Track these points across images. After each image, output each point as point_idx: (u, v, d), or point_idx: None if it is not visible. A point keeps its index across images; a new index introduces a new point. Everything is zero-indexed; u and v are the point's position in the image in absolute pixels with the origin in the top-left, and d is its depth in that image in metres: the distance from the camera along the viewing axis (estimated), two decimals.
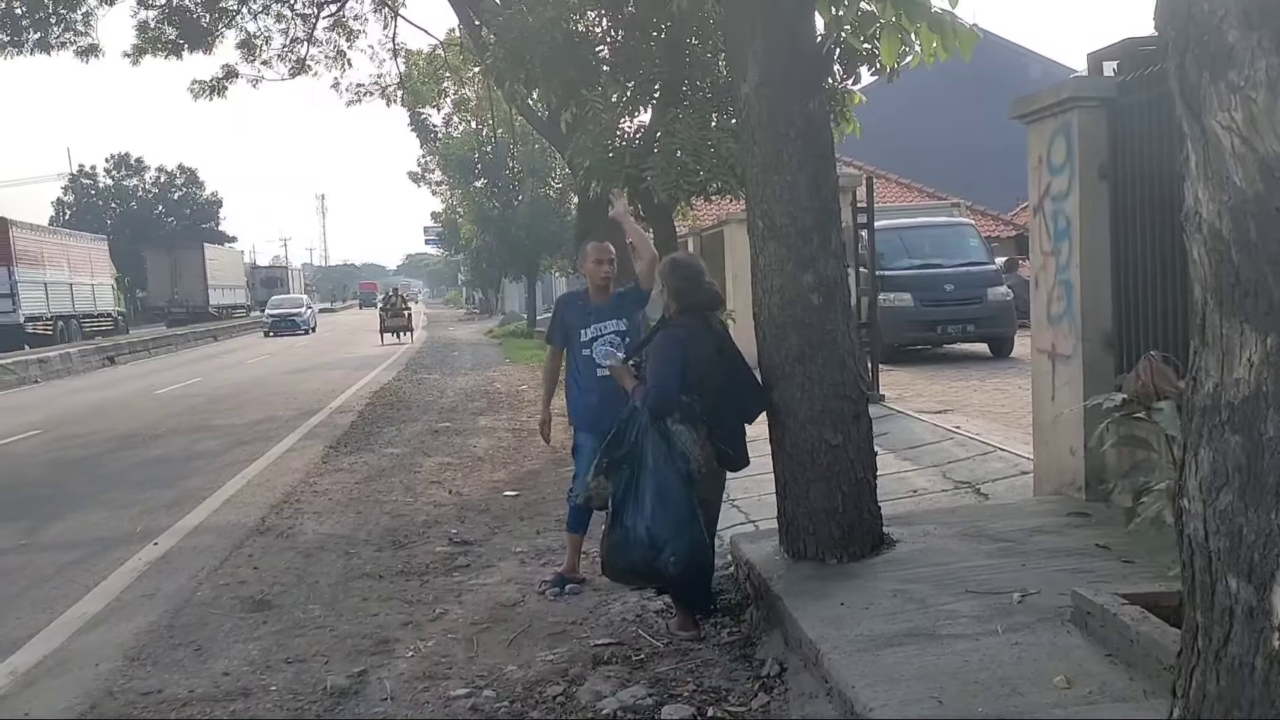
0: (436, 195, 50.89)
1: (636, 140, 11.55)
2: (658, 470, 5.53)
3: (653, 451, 5.56)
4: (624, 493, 5.64)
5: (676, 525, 5.49)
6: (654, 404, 5.59)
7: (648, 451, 5.57)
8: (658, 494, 5.51)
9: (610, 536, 5.73)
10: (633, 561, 5.61)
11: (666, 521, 5.48)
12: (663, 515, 5.49)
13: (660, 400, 5.59)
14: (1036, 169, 7.18)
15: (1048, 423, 7.23)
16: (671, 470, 5.55)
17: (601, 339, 6.67)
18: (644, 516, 5.52)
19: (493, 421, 15.41)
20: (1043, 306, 7.20)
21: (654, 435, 5.58)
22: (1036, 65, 45.62)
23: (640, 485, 5.57)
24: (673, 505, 5.51)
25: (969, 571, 5.57)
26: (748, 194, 6.16)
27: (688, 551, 5.51)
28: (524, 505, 9.54)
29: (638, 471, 5.58)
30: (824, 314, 5.87)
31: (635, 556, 5.57)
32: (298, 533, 8.75)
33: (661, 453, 5.55)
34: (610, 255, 6.84)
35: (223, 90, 21.52)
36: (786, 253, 5.85)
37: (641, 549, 5.52)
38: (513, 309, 61.97)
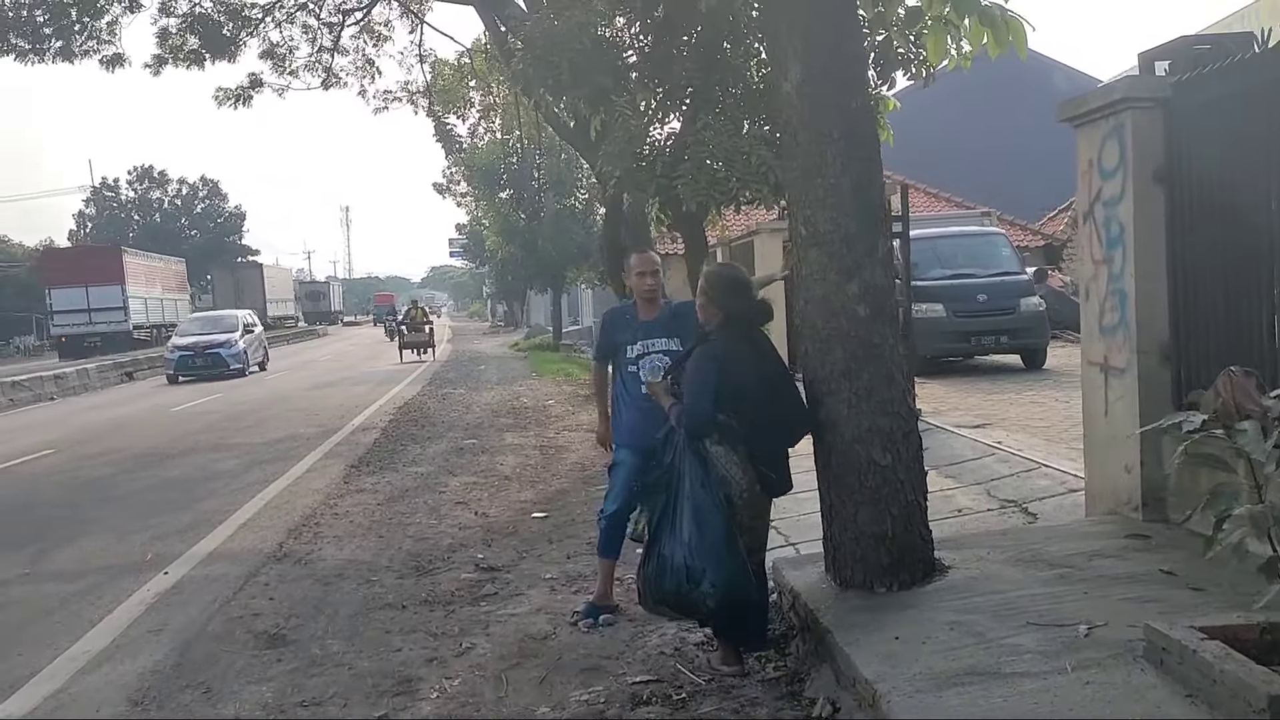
0: (461, 207, 50.77)
1: (667, 148, 11.27)
2: (695, 495, 5.25)
3: (690, 475, 5.28)
4: (660, 519, 5.37)
5: (715, 554, 5.19)
6: (688, 423, 5.31)
7: (685, 475, 5.30)
8: (695, 520, 5.23)
9: (646, 566, 5.44)
10: (670, 593, 5.30)
11: (705, 550, 5.19)
12: (701, 543, 5.20)
13: (695, 419, 5.31)
14: (1086, 173, 6.86)
15: (1101, 439, 6.90)
16: (709, 495, 5.26)
17: (649, 357, 6.45)
18: (681, 544, 5.23)
19: (520, 439, 15.15)
20: (1094, 317, 6.87)
21: (691, 457, 5.30)
22: (1060, 74, 45.18)
23: (677, 511, 5.29)
24: (711, 533, 5.22)
25: (1028, 601, 5.25)
26: (789, 199, 5.86)
27: (727, 583, 5.21)
28: (553, 527, 9.26)
29: (674, 496, 5.31)
30: (871, 326, 5.57)
31: (672, 587, 5.27)
32: (316, 559, 8.49)
33: (699, 476, 5.27)
34: (654, 266, 6.59)
35: (248, 99, 21.31)
36: (830, 261, 5.55)
37: (679, 579, 5.23)
38: (538, 321, 61.77)
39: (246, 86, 21.60)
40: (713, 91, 10.95)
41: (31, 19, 18.17)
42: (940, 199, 31.92)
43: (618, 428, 6.68)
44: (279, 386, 28.10)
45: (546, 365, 30.52)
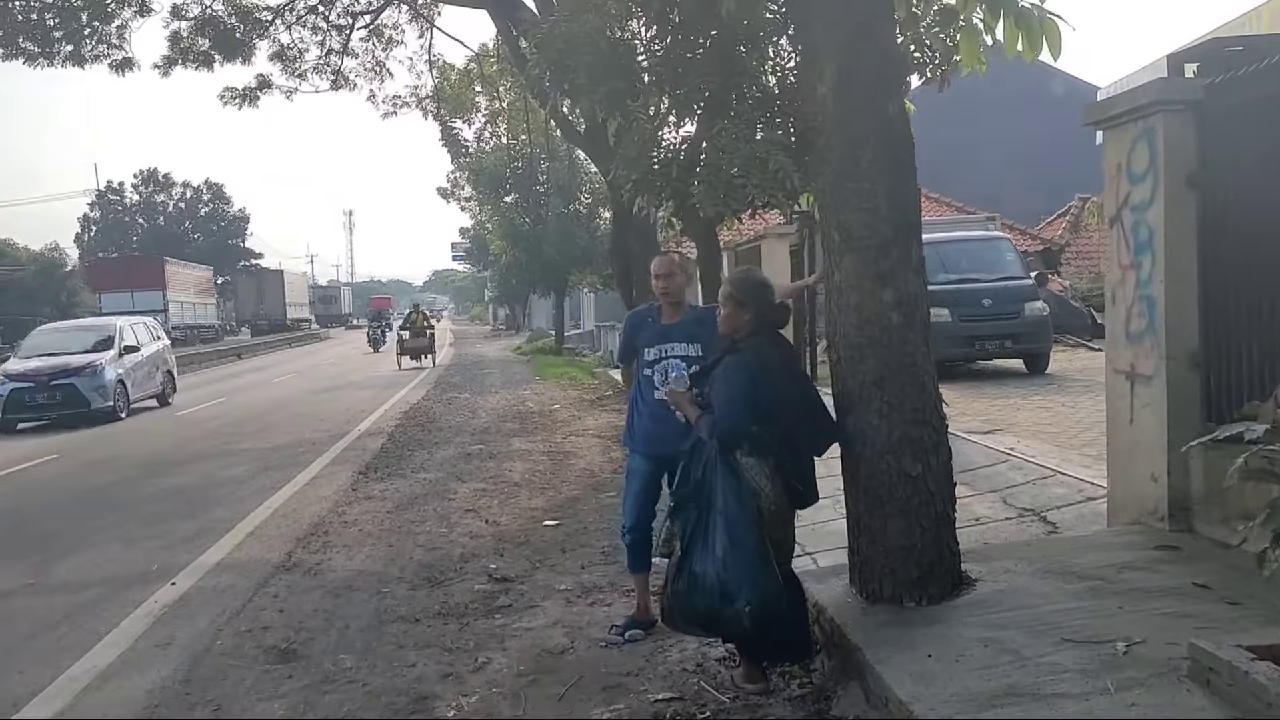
0: (465, 211, 50.59)
1: (681, 153, 11.06)
2: (728, 509, 5.05)
3: (723, 489, 5.08)
4: (692, 535, 5.15)
5: (750, 571, 5.00)
6: (722, 435, 5.11)
7: (717, 489, 5.10)
8: (729, 536, 5.03)
9: (676, 583, 5.22)
10: (702, 612, 5.10)
11: (739, 567, 4.99)
12: (735, 560, 5.00)
13: (729, 431, 5.11)
14: (1115, 178, 6.68)
15: (1125, 447, 6.71)
16: (743, 509, 5.07)
17: (666, 362, 6.24)
18: (714, 561, 5.02)
19: (527, 444, 14.95)
20: (1120, 323, 6.68)
21: (724, 470, 5.10)
22: (1058, 80, 44.96)
23: (709, 526, 5.08)
24: (746, 549, 5.03)
25: (1062, 616, 5.06)
26: (821, 204, 5.67)
27: (762, 601, 5.01)
28: (565, 536, 9.06)
29: (706, 511, 5.11)
30: (904, 334, 5.39)
31: (704, 606, 5.06)
32: (326, 569, 8.29)
33: (732, 490, 5.08)
34: (668, 269, 6.39)
35: (255, 100, 21.18)
36: (863, 268, 5.37)
37: (711, 598, 5.02)
38: (540, 325, 61.66)
39: (254, 88, 21.52)
40: (728, 95, 10.75)
41: (41, 23, 18.05)
42: (943, 204, 31.73)
43: (631, 433, 6.47)
44: (283, 391, 27.91)
45: (550, 369, 30.31)
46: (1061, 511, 7.75)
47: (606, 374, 27.32)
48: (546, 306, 58.03)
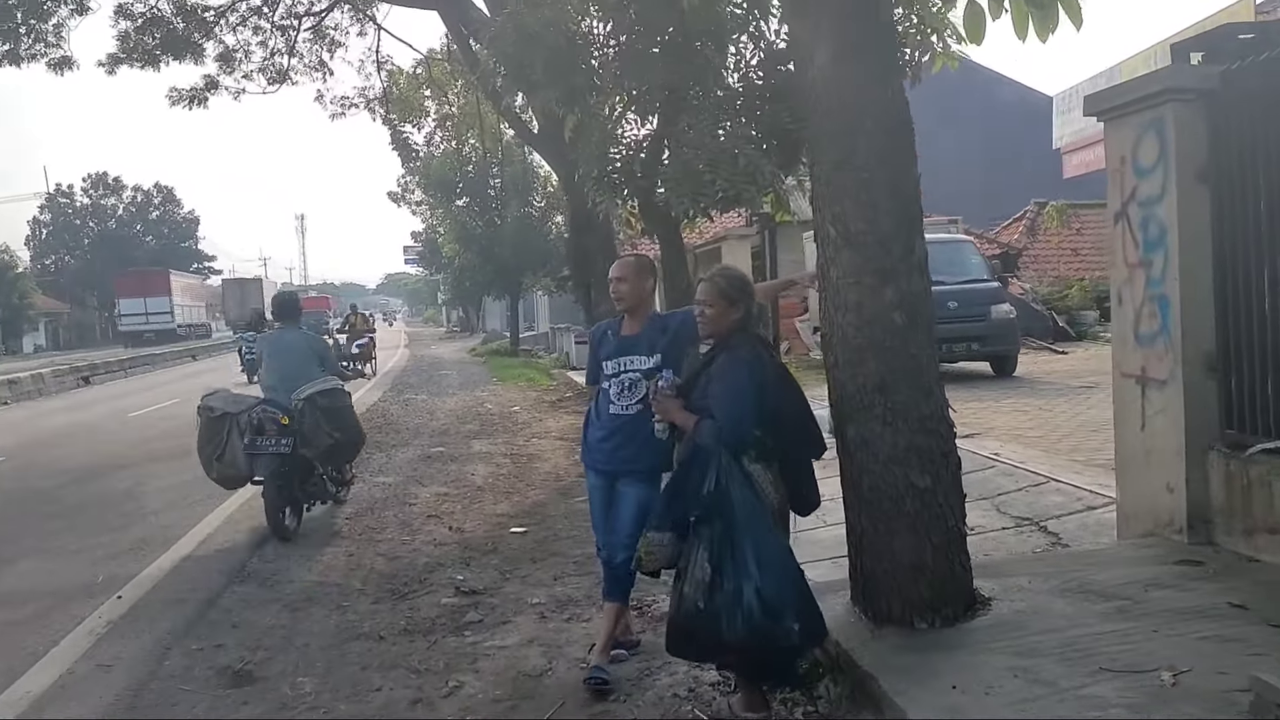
0: (416, 215, 49.69)
1: (644, 150, 10.53)
2: (752, 521, 4.50)
3: (741, 498, 4.52)
4: (720, 553, 4.49)
5: (792, 585, 4.51)
6: (730, 437, 4.57)
7: (734, 499, 4.51)
8: (759, 549, 4.47)
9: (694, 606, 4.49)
10: (743, 635, 4.39)
11: (781, 581, 4.45)
12: (773, 575, 4.44)
13: (737, 432, 4.59)
14: (1119, 171, 6.22)
15: (1136, 455, 6.24)
16: (765, 519, 4.57)
17: (624, 376, 5.53)
18: (751, 578, 4.41)
19: (488, 446, 14.34)
20: (1129, 325, 6.22)
21: (739, 478, 4.55)
22: (1007, 88, 44.94)
23: (735, 540, 4.48)
24: (779, 561, 4.52)
25: (1092, 641, 4.58)
26: (814, 195, 5.13)
27: (809, 614, 4.53)
28: (534, 544, 8.49)
29: (729, 525, 4.51)
30: (908, 335, 4.89)
31: (745, 630, 4.38)
32: (283, 580, 7.66)
33: (750, 499, 4.54)
34: (621, 271, 5.66)
35: (203, 100, 20.52)
36: (864, 264, 4.85)
37: (754, 617, 4.37)
38: (494, 327, 61.00)
39: (202, 88, 20.88)
40: (691, 92, 10.22)
41: None
42: None
43: (585, 448, 5.82)
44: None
45: (507, 371, 29.70)
46: (1062, 521, 7.28)
47: (565, 375, 26.76)
48: (500, 309, 57.39)
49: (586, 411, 5.82)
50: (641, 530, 5.48)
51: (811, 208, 5.15)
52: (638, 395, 5.46)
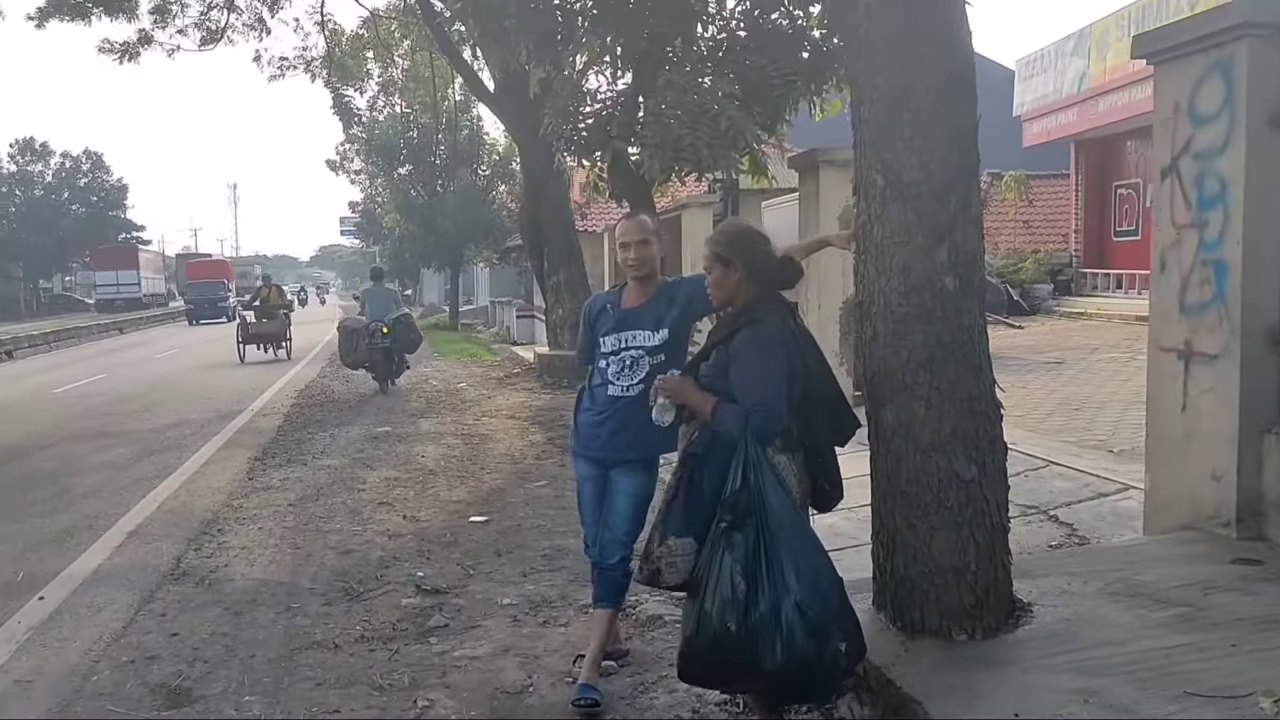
0: (355, 184, 48.47)
1: (619, 107, 9.84)
2: (787, 525, 3.84)
3: (773, 497, 3.85)
4: (752, 565, 3.80)
5: (836, 596, 3.88)
6: (762, 425, 3.90)
7: (767, 499, 3.85)
8: (796, 558, 3.82)
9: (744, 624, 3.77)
10: (786, 662, 3.72)
11: (821, 594, 3.80)
12: (813, 586, 3.79)
13: (769, 419, 3.92)
14: (1169, 120, 5.61)
15: (1174, 439, 5.68)
16: (800, 520, 3.95)
17: (625, 353, 4.85)
18: (789, 593, 3.74)
19: (436, 425, 13.61)
20: (1172, 293, 5.63)
21: (770, 473, 3.89)
22: None
23: (771, 549, 3.81)
24: (818, 568, 3.87)
25: (1163, 657, 4.01)
26: (859, 141, 4.45)
27: (852, 629, 3.90)
28: (498, 535, 7.82)
29: (762, 530, 3.83)
30: (960, 303, 4.27)
31: (786, 656, 3.71)
32: (223, 578, 6.92)
33: (782, 497, 3.88)
34: (641, 233, 4.94)
35: (135, 55, 19.56)
36: (916, 219, 4.22)
37: (796, 639, 3.71)
38: (432, 300, 60.03)
39: (135, 42, 19.92)
40: (673, 42, 9.54)
41: None
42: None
43: (575, 435, 5.11)
44: (168, 367, 25.98)
45: (448, 346, 28.89)
46: (1074, 510, 6.75)
47: (508, 350, 26.06)
48: (439, 281, 56.42)
49: (578, 393, 5.13)
50: (638, 526, 4.86)
51: (855, 154, 4.48)
52: (639, 375, 4.80)
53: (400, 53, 27.17)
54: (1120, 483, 7.23)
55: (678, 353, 4.92)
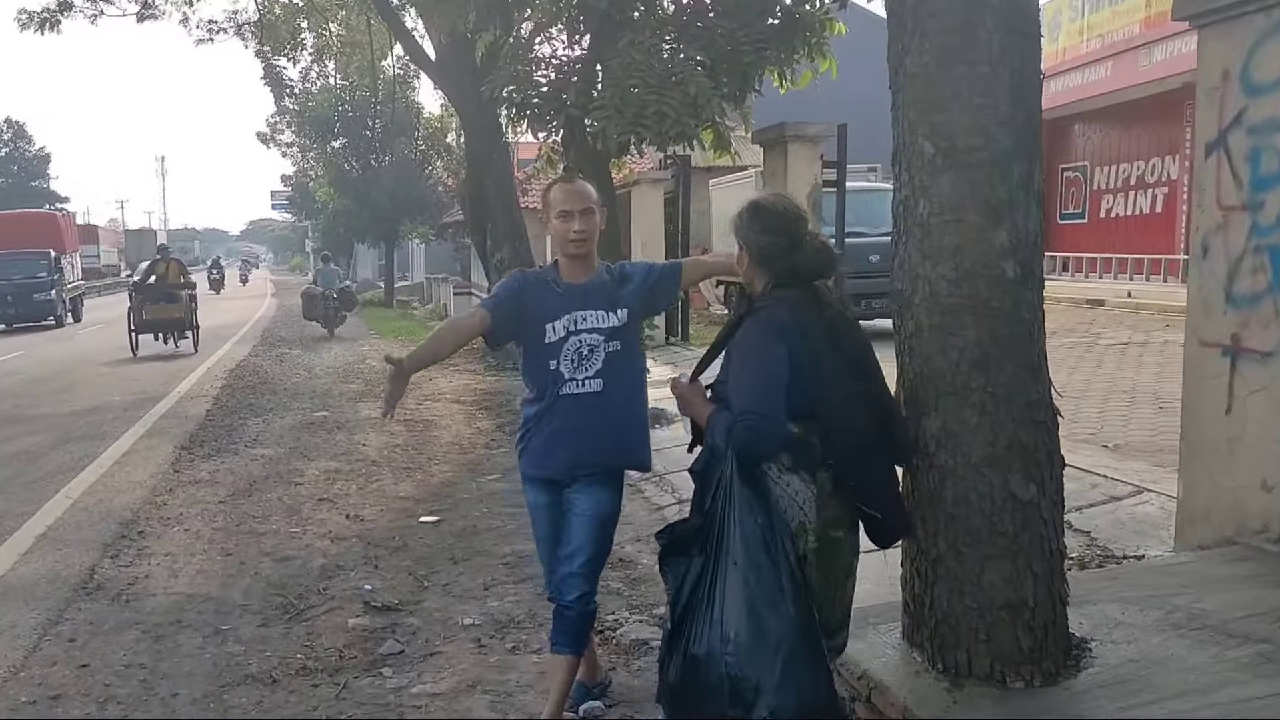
0: (287, 157, 46.92)
1: (575, 72, 9.07)
2: (750, 559, 3.18)
3: (742, 528, 3.19)
4: (690, 599, 3.26)
5: (782, 659, 3.15)
6: (747, 440, 3.19)
7: (731, 528, 3.20)
8: (747, 603, 3.16)
9: (671, 664, 3.31)
10: (708, 712, 3.20)
11: (761, 654, 3.13)
12: (756, 641, 3.13)
13: (757, 433, 3.19)
14: (1218, 90, 4.99)
15: (1216, 443, 5.08)
16: (772, 561, 3.19)
17: (579, 338, 4.03)
18: (725, 641, 3.15)
19: (377, 410, 12.63)
20: (1217, 282, 5.02)
21: (747, 498, 3.21)
22: None
23: (717, 586, 3.20)
24: (774, 623, 3.16)
25: (1259, 709, 3.38)
26: (904, 101, 3.71)
27: (797, 707, 3.15)
28: (452, 538, 7.07)
29: (713, 561, 3.22)
30: (1019, 293, 3.60)
31: (710, 708, 3.18)
32: (143, 593, 6.09)
33: (755, 530, 3.19)
34: (585, 203, 4.07)
35: (55, 24, 18.41)
36: (970, 193, 3.52)
37: (716, 698, 3.15)
38: (366, 276, 58.76)
39: (54, 9, 18.73)
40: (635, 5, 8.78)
41: None
42: None
43: (529, 454, 4.18)
44: (90, 345, 24.69)
45: (385, 324, 27.93)
46: (1088, 516, 6.15)
47: None
48: (373, 257, 55.18)
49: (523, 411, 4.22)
50: (600, 554, 4.14)
51: (894, 116, 3.75)
52: (596, 364, 4.03)
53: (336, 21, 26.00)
54: (1131, 484, 6.66)
55: (635, 345, 4.22)
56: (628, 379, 4.18)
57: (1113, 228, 23.62)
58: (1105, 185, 24.14)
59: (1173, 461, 7.37)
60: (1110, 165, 23.92)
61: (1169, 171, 21.88)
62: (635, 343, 4.22)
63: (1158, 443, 7.99)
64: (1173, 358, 12.19)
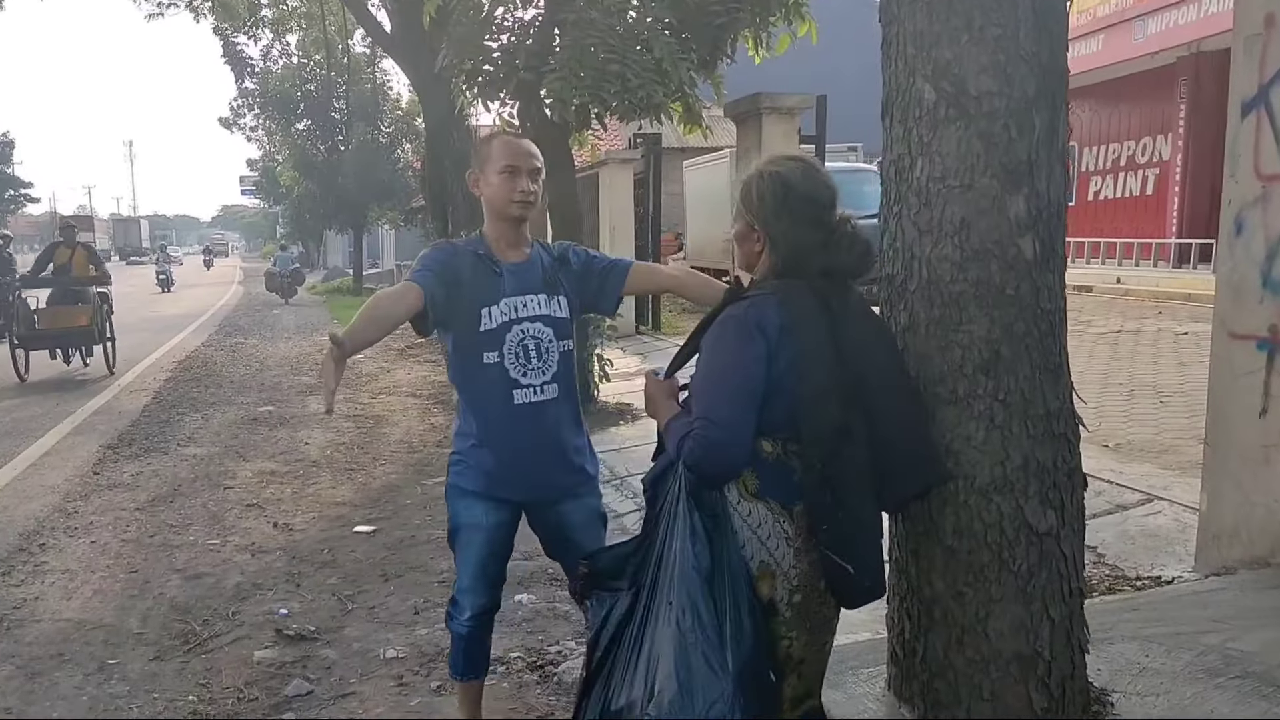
0: (252, 141, 45.90)
1: (530, 35, 8.37)
2: (688, 601, 2.51)
3: (683, 560, 2.53)
4: (611, 644, 2.64)
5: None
6: (696, 458, 2.54)
7: (669, 558, 2.55)
8: (679, 652, 2.48)
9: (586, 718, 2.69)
10: None
11: (691, 714, 2.44)
12: (685, 700, 2.44)
13: (710, 449, 2.54)
14: (1258, 38, 4.36)
15: (1250, 450, 4.48)
16: (714, 604, 2.52)
17: (521, 327, 3.39)
18: (649, 698, 2.48)
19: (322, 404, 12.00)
20: (1253, 264, 4.40)
21: (691, 526, 2.55)
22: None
23: (646, 628, 2.56)
24: (710, 681, 2.47)
25: None
26: (896, 33, 2.97)
27: None
28: (386, 551, 6.40)
29: (646, 597, 2.58)
30: (1038, 278, 2.96)
31: None
32: (29, 618, 5.38)
33: (699, 563, 2.53)
34: (533, 163, 3.42)
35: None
36: (983, 151, 2.86)
37: None
38: (335, 263, 57.94)
39: None
40: None
41: None
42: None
43: (467, 463, 3.51)
44: None
45: (349, 312, 26.85)
46: (1094, 528, 5.29)
47: None
48: (343, 244, 54.32)
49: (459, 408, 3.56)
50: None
51: (885, 59, 3.08)
52: (551, 366, 3.42)
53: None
54: (1140, 491, 6.04)
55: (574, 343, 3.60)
56: (573, 385, 3.56)
57: (1101, 210, 23.07)
58: (1094, 166, 23.58)
59: (1181, 464, 6.81)
60: (1099, 145, 23.35)
61: (1161, 152, 21.28)
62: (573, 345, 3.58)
63: (1162, 441, 7.40)
64: (1167, 347, 11.63)
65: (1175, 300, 14.97)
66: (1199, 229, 19.21)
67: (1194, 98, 19.62)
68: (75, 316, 14.80)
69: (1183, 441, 7.39)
